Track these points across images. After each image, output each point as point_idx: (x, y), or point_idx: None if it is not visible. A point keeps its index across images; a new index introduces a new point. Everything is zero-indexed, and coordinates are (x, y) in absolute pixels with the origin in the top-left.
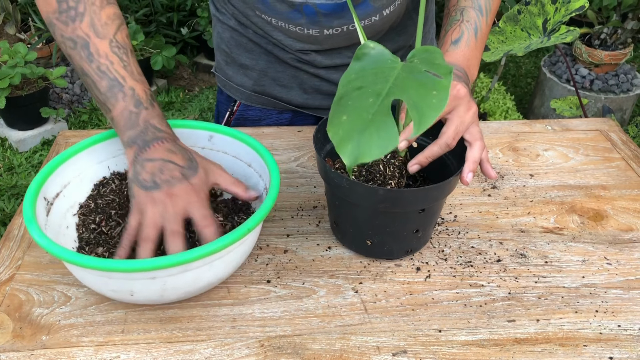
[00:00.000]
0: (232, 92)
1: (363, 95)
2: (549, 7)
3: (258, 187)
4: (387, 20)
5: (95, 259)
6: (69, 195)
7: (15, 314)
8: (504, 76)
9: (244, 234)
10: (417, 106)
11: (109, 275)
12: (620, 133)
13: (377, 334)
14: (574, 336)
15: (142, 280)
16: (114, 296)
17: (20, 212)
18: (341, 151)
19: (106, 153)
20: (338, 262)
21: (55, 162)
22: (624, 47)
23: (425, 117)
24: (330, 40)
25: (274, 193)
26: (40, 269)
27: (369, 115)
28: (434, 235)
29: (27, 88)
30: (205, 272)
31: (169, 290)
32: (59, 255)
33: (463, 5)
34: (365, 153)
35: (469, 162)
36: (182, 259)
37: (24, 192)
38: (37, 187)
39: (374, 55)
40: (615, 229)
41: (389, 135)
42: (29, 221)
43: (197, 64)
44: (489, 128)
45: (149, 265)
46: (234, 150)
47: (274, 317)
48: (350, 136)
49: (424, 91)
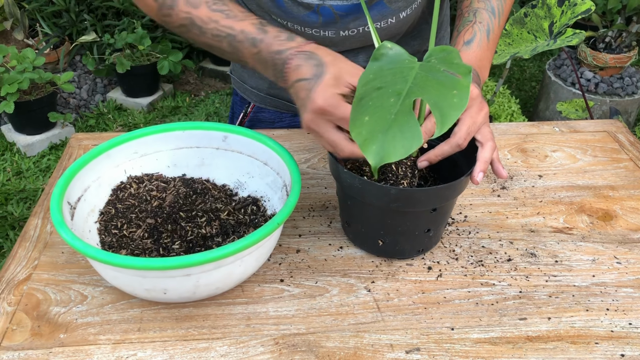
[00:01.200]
0: (247, 95)
1: (383, 95)
2: (555, 10)
3: (276, 184)
4: (404, 23)
5: (132, 258)
6: (89, 199)
7: (33, 313)
8: (509, 80)
9: (274, 229)
10: (439, 106)
11: (143, 274)
12: (627, 134)
13: (390, 332)
14: (585, 334)
15: (177, 277)
16: (147, 295)
17: (35, 213)
18: (366, 151)
19: (122, 157)
20: (350, 262)
21: (76, 166)
22: (629, 50)
23: (447, 117)
24: (346, 42)
25: (297, 187)
26: (56, 269)
27: (391, 115)
28: (444, 235)
29: (35, 93)
30: (237, 267)
31: (201, 287)
32: (96, 256)
33: (476, 6)
34: (390, 153)
35: (480, 162)
36: (216, 255)
37: (32, 196)
38: (61, 191)
39: (391, 55)
40: (624, 228)
41: (413, 135)
42: (60, 225)
43: (203, 69)
44: (497, 130)
45: (184, 262)
46: (250, 150)
47: (288, 315)
48: (374, 136)
49: (445, 91)
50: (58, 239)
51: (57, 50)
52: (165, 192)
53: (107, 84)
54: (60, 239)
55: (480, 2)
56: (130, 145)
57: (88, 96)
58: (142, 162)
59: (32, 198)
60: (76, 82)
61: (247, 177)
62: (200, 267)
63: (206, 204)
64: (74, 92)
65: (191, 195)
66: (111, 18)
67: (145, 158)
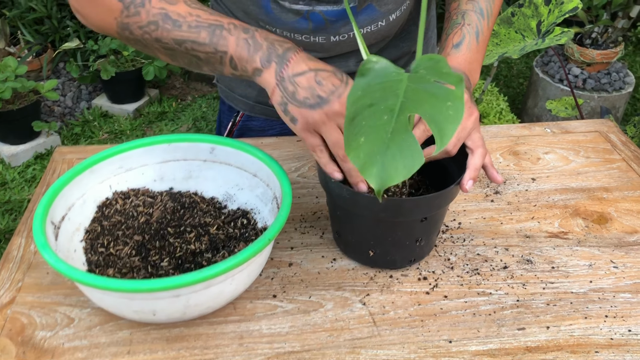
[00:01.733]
0: (235, 103)
1: (376, 112)
2: (542, 8)
3: (266, 196)
4: (394, 25)
5: (118, 280)
6: (74, 217)
7: (17, 338)
8: (496, 77)
9: (265, 245)
10: (434, 120)
11: (131, 296)
12: (619, 134)
13: (387, 347)
14: (585, 342)
15: (166, 299)
16: (136, 317)
17: (18, 232)
18: (367, 176)
19: (107, 172)
20: (344, 274)
21: (59, 185)
22: (615, 46)
23: (444, 131)
24: (337, 47)
25: (288, 200)
26: (41, 291)
27: (387, 135)
28: (438, 243)
29: (19, 102)
30: (228, 285)
31: (191, 307)
32: (81, 280)
33: (464, 8)
34: (392, 175)
35: (469, 169)
36: (206, 275)
37: (17, 207)
38: (44, 211)
39: (378, 69)
40: (620, 231)
41: (413, 153)
42: (43, 248)
43: (189, 73)
44: (488, 133)
45: (173, 284)
46: (238, 161)
47: (282, 332)
48: (373, 159)
49: (438, 103)
50: (42, 259)
51: (40, 57)
52: (152, 207)
53: (92, 91)
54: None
55: (468, 4)
56: (115, 160)
57: (73, 104)
58: (127, 177)
59: (18, 209)
60: (60, 90)
61: (237, 190)
62: (189, 288)
63: (194, 218)
64: (58, 100)
65: (179, 210)
66: None
67: (131, 172)
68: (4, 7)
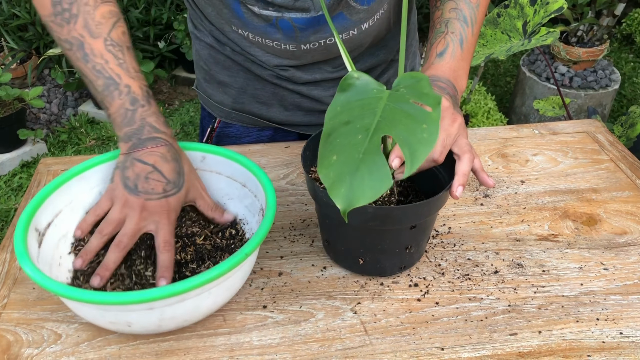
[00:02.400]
0: (212, 110)
1: (351, 131)
2: (528, 9)
3: (254, 207)
4: (367, 34)
5: (90, 292)
6: (61, 224)
7: (3, 356)
8: (484, 76)
9: (241, 260)
10: (408, 142)
11: (105, 307)
12: (606, 134)
13: (379, 356)
14: (577, 346)
15: (139, 311)
16: (112, 328)
17: (3, 247)
18: (334, 195)
19: (97, 179)
20: (334, 283)
21: (46, 191)
22: (601, 44)
23: (416, 154)
24: (308, 55)
25: (271, 215)
26: (27, 307)
27: (359, 155)
28: (429, 248)
29: (3, 110)
30: (204, 299)
31: (166, 320)
32: (54, 290)
33: (447, 17)
34: (359, 196)
35: (458, 175)
36: (178, 289)
37: (4, 216)
38: (28, 218)
39: (359, 85)
40: (609, 232)
41: (381, 176)
42: (21, 255)
43: (175, 77)
44: (476, 135)
45: (145, 297)
46: (228, 171)
47: (273, 344)
48: (342, 179)
49: (414, 125)
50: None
51: (24, 64)
52: None
53: (78, 97)
54: None
55: (451, 12)
56: (105, 167)
57: (59, 110)
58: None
59: (5, 219)
60: (46, 97)
61: (227, 199)
62: (163, 301)
63: (182, 228)
64: (43, 107)
65: None
66: None
67: None
68: None
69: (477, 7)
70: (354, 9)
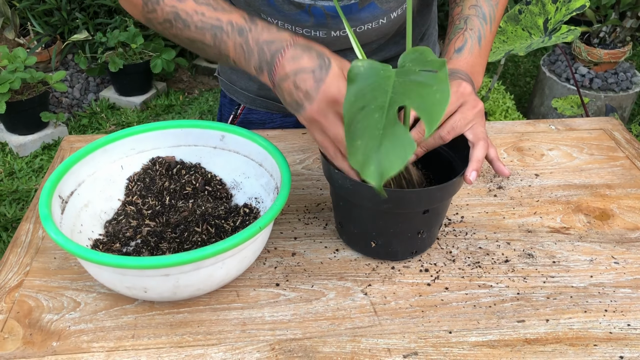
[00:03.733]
0: (236, 96)
1: (368, 113)
2: (549, 6)
3: (269, 186)
4: (395, 22)
5: (110, 255)
6: (83, 193)
7: (25, 320)
8: (503, 75)
9: (255, 233)
10: (422, 107)
11: (123, 272)
12: (623, 132)
13: (388, 336)
14: (584, 336)
15: (155, 277)
16: (129, 293)
17: (26, 218)
18: (366, 176)
19: (119, 152)
20: (346, 265)
21: (70, 161)
22: (623, 46)
23: (433, 115)
24: (337, 42)
25: (285, 192)
26: (48, 275)
27: (379, 132)
28: (441, 236)
29: (27, 93)
30: (218, 269)
31: (181, 287)
32: (75, 252)
33: (467, 14)
34: (388, 168)
35: (472, 161)
36: (194, 257)
37: (25, 196)
38: (53, 185)
39: (364, 72)
40: (621, 227)
41: (404, 143)
42: (45, 218)
43: (196, 67)
44: (493, 128)
45: (162, 263)
46: (246, 150)
47: (284, 320)
48: (369, 158)
49: (425, 90)
50: (50, 244)
51: (49, 49)
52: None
53: (100, 83)
54: (53, 244)
55: (471, 9)
56: (128, 142)
57: (81, 95)
58: (139, 159)
59: (25, 199)
60: (68, 81)
61: (243, 178)
62: (178, 268)
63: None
64: (66, 92)
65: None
66: (103, 16)
67: (143, 154)
68: None
69: (497, 5)
70: None
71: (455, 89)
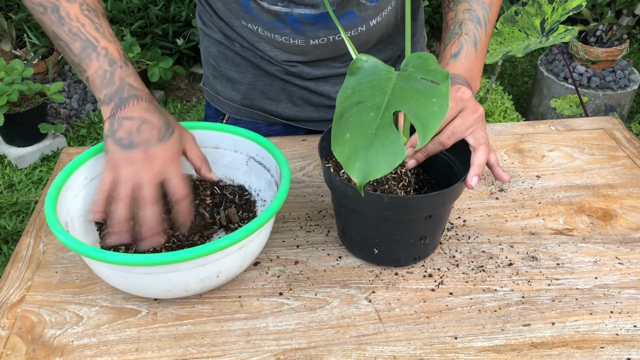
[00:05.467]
0: (221, 106)
1: (363, 110)
2: (546, 7)
3: (271, 185)
4: (375, 30)
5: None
6: (86, 196)
7: (27, 336)
8: (501, 75)
9: (268, 219)
10: (419, 116)
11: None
12: (624, 131)
13: (393, 343)
14: (591, 338)
15: (232, 254)
16: (165, 293)
17: (27, 232)
18: (349, 170)
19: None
20: (349, 272)
21: (74, 165)
22: (620, 44)
23: (428, 126)
24: (316, 50)
25: (286, 181)
26: (50, 289)
27: (372, 131)
28: (443, 240)
29: (25, 104)
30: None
31: (247, 258)
32: (84, 252)
33: (461, 18)
34: (374, 169)
35: (474, 166)
36: (234, 239)
37: (25, 209)
38: (57, 189)
39: (367, 68)
40: (625, 228)
41: (395, 149)
42: (52, 224)
43: (193, 74)
44: (493, 130)
45: (236, 238)
46: (244, 148)
47: (288, 329)
48: (356, 154)
49: (424, 100)
50: (51, 258)
51: (46, 60)
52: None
53: None
54: (54, 258)
55: (465, 13)
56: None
57: (79, 106)
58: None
59: (25, 211)
60: (66, 92)
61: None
62: (214, 255)
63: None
64: (64, 102)
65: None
66: None
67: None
68: (10, 10)
69: (490, 7)
70: (364, 5)
71: (454, 94)
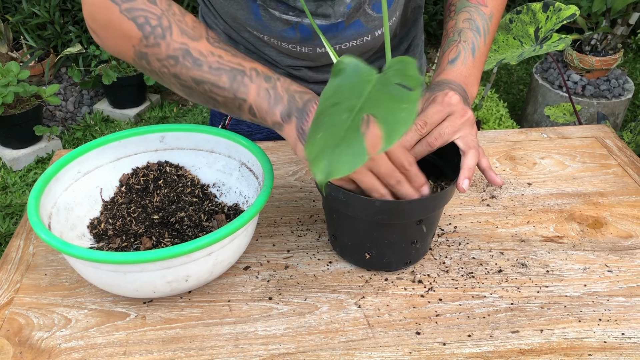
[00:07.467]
0: None
1: (338, 111)
2: (540, 15)
3: (230, 166)
4: (380, 39)
5: (147, 252)
6: (54, 225)
7: (15, 339)
8: (496, 83)
9: (237, 228)
10: (387, 121)
11: (167, 264)
12: (615, 139)
13: (382, 349)
14: (579, 345)
15: (199, 259)
16: (128, 292)
17: (17, 234)
18: (314, 168)
19: (69, 179)
20: (339, 277)
21: (62, 162)
22: (614, 53)
23: (393, 132)
24: (322, 57)
25: (266, 190)
26: (39, 292)
27: (341, 132)
28: (434, 246)
29: (20, 106)
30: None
31: (218, 265)
32: (69, 251)
33: (461, 27)
34: (336, 169)
35: (464, 169)
36: (231, 229)
37: (19, 211)
38: (41, 188)
39: (349, 70)
40: (614, 235)
41: (357, 152)
42: (36, 225)
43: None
44: (485, 137)
45: (203, 244)
46: (191, 143)
47: (277, 334)
48: (323, 153)
49: (394, 105)
50: (41, 260)
51: (42, 62)
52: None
53: (94, 96)
54: (43, 261)
55: (465, 22)
56: (121, 145)
57: (74, 108)
58: (87, 181)
59: (19, 213)
60: (62, 95)
61: (196, 169)
62: (219, 244)
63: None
64: (59, 105)
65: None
66: None
67: (89, 176)
68: (7, 12)
69: (490, 18)
70: (370, 16)
71: (442, 98)
